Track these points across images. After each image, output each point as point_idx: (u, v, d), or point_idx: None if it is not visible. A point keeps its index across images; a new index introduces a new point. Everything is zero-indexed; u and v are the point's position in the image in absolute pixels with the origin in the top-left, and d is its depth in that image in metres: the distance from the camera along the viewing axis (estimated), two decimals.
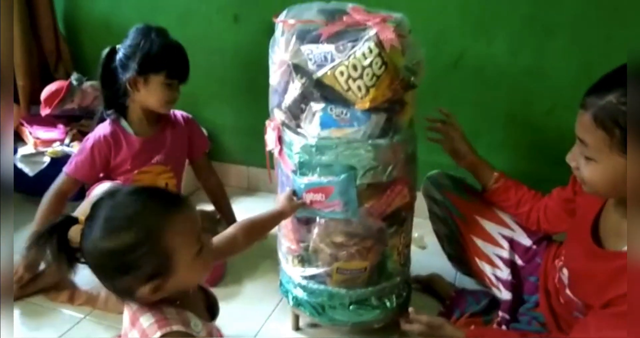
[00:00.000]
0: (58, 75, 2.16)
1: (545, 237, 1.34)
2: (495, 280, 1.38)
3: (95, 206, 0.85)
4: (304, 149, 1.19)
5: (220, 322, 1.07)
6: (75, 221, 0.85)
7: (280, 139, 1.26)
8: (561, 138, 1.75)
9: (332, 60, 1.12)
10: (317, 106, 1.16)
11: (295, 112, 1.20)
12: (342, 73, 1.11)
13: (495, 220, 1.39)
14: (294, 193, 1.23)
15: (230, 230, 1.14)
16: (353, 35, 1.12)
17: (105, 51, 1.53)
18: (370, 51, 1.09)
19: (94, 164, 1.55)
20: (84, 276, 1.52)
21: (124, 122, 1.59)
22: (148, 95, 1.53)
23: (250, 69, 2.02)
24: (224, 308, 1.05)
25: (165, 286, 0.84)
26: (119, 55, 1.51)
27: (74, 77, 1.97)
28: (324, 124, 1.17)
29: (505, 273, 1.35)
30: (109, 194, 0.86)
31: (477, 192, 1.44)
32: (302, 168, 1.21)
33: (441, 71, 1.77)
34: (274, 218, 1.22)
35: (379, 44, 1.09)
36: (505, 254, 1.36)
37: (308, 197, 1.21)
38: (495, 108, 1.80)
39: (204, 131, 2.08)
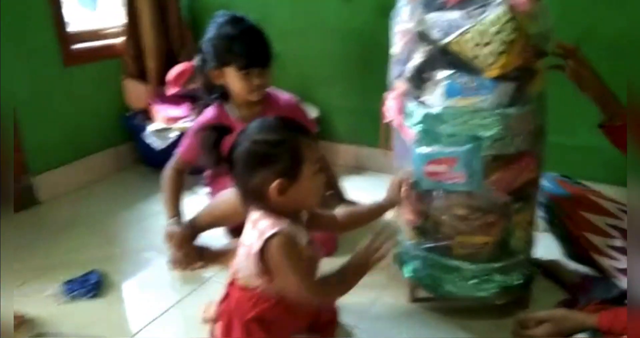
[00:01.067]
0: (182, 58, 2.30)
1: None
2: (615, 271, 1.30)
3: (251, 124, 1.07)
4: (426, 119, 1.18)
5: None
6: (228, 131, 1.07)
7: (400, 110, 1.25)
8: None
9: (459, 27, 1.09)
10: (442, 74, 1.14)
11: (418, 82, 1.19)
12: (470, 40, 1.08)
13: (600, 212, 1.34)
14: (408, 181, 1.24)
15: (335, 211, 1.19)
16: (481, 1, 1.08)
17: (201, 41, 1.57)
18: (501, 17, 1.05)
19: (199, 147, 1.62)
20: None
21: (227, 106, 1.61)
22: (230, 85, 1.54)
23: (362, 48, 2.03)
24: None
25: (289, 191, 1.00)
26: (202, 48, 1.55)
27: (197, 59, 2.09)
28: (449, 93, 1.15)
29: (622, 262, 1.27)
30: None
31: (574, 185, 1.42)
32: (424, 138, 1.19)
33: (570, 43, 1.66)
34: (377, 210, 1.26)
35: (510, 9, 1.05)
36: (618, 243, 1.29)
37: (429, 168, 1.19)
38: (631, 81, 1.66)
39: (314, 113, 2.13)
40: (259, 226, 1.02)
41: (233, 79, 1.52)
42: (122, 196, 2.04)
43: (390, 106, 1.29)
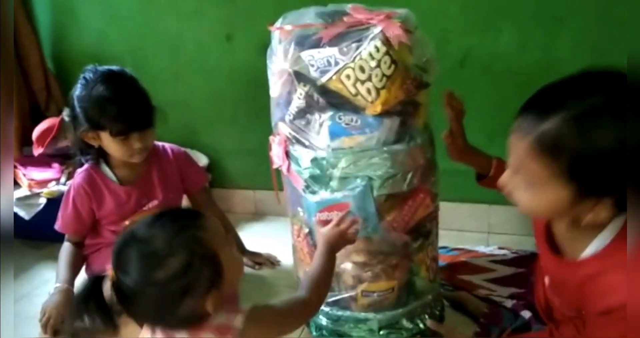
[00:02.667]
0: (49, 113, 2.08)
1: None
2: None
3: (120, 254, 0.82)
4: (313, 163, 1.10)
5: None
6: (102, 278, 0.82)
7: (287, 155, 1.16)
8: None
9: (337, 63, 1.03)
10: (324, 115, 1.08)
11: (301, 124, 1.11)
12: (348, 77, 1.02)
13: (475, 271, 1.44)
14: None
15: (297, 294, 0.98)
16: (356, 36, 1.04)
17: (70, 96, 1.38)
18: (378, 50, 1.01)
19: (79, 217, 1.43)
20: None
21: (104, 168, 1.43)
22: (107, 149, 1.36)
23: (248, 88, 1.94)
24: None
25: (221, 294, 0.83)
26: (71, 105, 1.36)
27: (65, 113, 1.88)
28: (333, 134, 1.08)
29: (510, 303, 1.33)
30: (126, 240, 0.83)
31: (448, 254, 1.52)
32: (314, 184, 1.11)
33: (447, 71, 1.66)
34: (328, 256, 1.02)
35: (386, 41, 1.01)
36: (505, 293, 1.36)
37: (322, 216, 1.10)
38: (508, 107, 1.67)
39: (204, 160, 2.00)
40: (217, 320, 0.83)
41: (109, 143, 1.33)
42: None
43: (276, 151, 1.20)
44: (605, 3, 1.49)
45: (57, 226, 1.46)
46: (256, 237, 1.84)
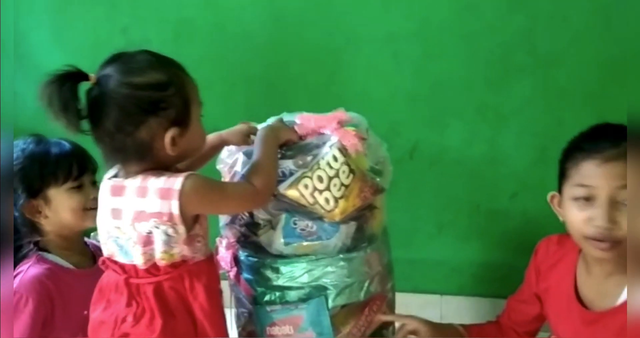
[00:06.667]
0: None
1: None
2: None
3: (105, 64, 0.87)
4: (264, 271, 1.03)
5: None
6: (85, 77, 0.85)
7: (235, 260, 1.09)
8: (527, 223, 1.71)
9: (291, 174, 1.00)
10: (277, 220, 1.02)
11: (253, 229, 1.05)
12: (306, 186, 0.99)
13: None
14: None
15: None
16: (311, 146, 1.02)
17: None
18: (336, 159, 0.99)
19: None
20: None
21: (52, 256, 1.13)
22: (58, 211, 1.11)
23: None
24: None
25: (180, 141, 0.88)
26: None
27: None
28: (287, 240, 1.02)
29: None
30: (113, 56, 0.88)
31: None
32: (264, 294, 1.04)
33: (397, 163, 1.68)
34: (265, 144, 1.01)
35: (344, 150, 0.99)
36: None
37: (273, 331, 1.02)
38: (456, 198, 1.72)
39: None
40: (154, 185, 0.86)
41: (61, 200, 1.10)
42: None
43: (223, 255, 1.12)
44: (544, 104, 1.57)
45: None
46: None
